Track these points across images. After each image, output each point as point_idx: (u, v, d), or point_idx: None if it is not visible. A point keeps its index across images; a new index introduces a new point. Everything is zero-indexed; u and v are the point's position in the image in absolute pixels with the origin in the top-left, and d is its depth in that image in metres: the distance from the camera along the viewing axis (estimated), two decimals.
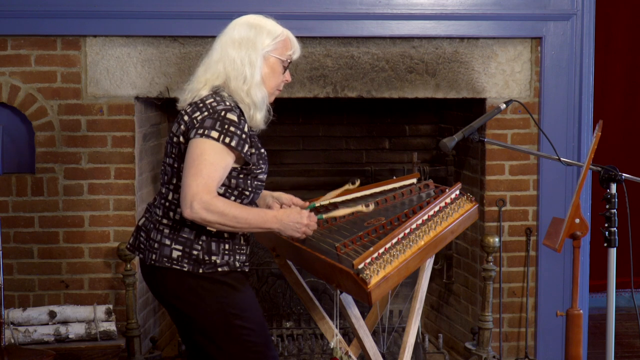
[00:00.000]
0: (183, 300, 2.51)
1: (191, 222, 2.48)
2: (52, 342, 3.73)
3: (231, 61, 2.51)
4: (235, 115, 2.45)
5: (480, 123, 2.86)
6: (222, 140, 2.40)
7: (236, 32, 2.54)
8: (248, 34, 2.53)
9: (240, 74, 2.50)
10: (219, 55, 2.54)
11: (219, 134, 2.40)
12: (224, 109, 2.45)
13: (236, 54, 2.51)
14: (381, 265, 2.53)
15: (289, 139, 4.61)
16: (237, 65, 2.50)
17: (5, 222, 3.91)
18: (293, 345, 4.14)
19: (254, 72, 2.50)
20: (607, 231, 2.65)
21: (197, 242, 2.50)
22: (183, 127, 2.48)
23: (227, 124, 2.42)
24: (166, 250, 2.50)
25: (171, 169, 2.53)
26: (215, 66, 2.53)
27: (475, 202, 2.98)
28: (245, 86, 2.50)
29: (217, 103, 2.47)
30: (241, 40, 2.52)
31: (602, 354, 2.80)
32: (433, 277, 4.53)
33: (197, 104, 2.49)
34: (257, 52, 2.51)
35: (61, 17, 3.86)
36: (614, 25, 5.19)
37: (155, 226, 2.54)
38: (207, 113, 2.44)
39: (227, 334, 2.51)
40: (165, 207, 2.54)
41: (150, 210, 2.62)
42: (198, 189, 2.36)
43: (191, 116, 2.47)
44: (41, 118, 3.94)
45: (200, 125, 2.42)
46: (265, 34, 2.53)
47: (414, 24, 3.95)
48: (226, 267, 2.52)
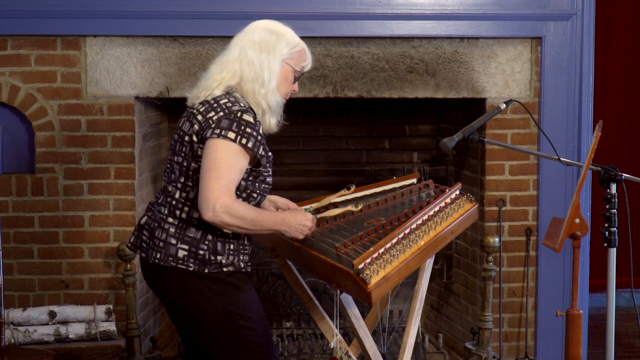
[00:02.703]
0: (187, 300, 2.51)
1: (197, 222, 2.49)
2: (52, 342, 3.73)
3: (249, 62, 2.51)
4: (251, 116, 2.46)
5: (480, 123, 2.86)
6: (239, 141, 2.41)
7: (257, 35, 2.55)
8: (269, 39, 2.54)
9: (258, 76, 2.51)
10: (236, 54, 2.54)
11: (236, 135, 2.41)
12: (239, 109, 2.45)
13: (255, 57, 2.51)
14: (381, 265, 2.53)
15: (289, 139, 4.61)
16: (255, 68, 2.51)
17: (5, 222, 3.91)
18: (293, 345, 4.14)
19: (271, 77, 2.52)
20: (607, 231, 2.65)
21: (203, 242, 2.50)
22: (197, 126, 2.47)
23: (244, 125, 2.43)
24: (172, 249, 2.50)
25: (179, 167, 2.52)
26: (231, 65, 2.53)
27: (475, 202, 2.98)
28: (262, 90, 2.51)
29: (231, 104, 2.47)
30: (261, 43, 2.53)
31: (602, 354, 2.80)
32: (433, 277, 4.53)
33: (211, 104, 2.49)
34: (276, 58, 2.53)
35: (61, 17, 3.86)
36: (614, 25, 5.19)
37: (160, 225, 2.53)
38: (223, 113, 2.44)
39: (230, 334, 2.52)
40: (172, 205, 2.53)
41: (153, 208, 2.61)
42: (220, 193, 2.37)
43: (205, 116, 2.47)
44: (41, 118, 3.94)
45: (216, 125, 2.42)
46: (284, 42, 2.55)
47: (414, 24, 3.95)
48: (231, 267, 2.53)
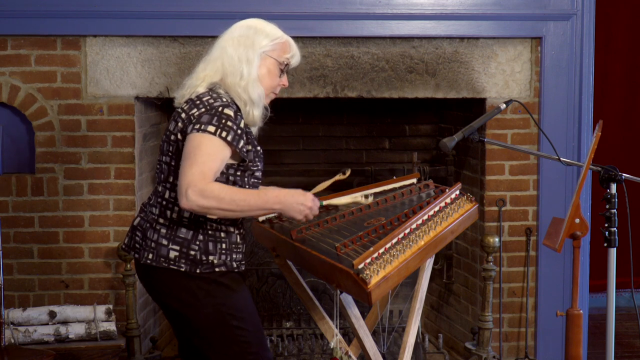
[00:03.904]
0: (180, 301, 2.51)
1: (188, 222, 2.49)
2: (52, 342, 3.73)
3: (229, 58, 2.56)
4: (232, 110, 2.47)
5: (480, 123, 2.86)
6: (218, 134, 2.42)
7: (236, 31, 2.61)
8: (247, 33, 2.59)
9: (237, 70, 2.54)
10: (218, 53, 2.59)
11: (216, 128, 2.42)
12: (220, 104, 2.47)
13: (234, 52, 2.56)
14: (381, 265, 2.53)
15: (289, 139, 4.61)
16: (234, 62, 2.55)
17: (5, 222, 3.91)
18: (293, 345, 4.14)
19: (250, 69, 2.55)
20: (607, 231, 2.65)
21: (194, 242, 2.50)
22: (180, 124, 2.49)
23: (224, 119, 2.44)
24: (163, 250, 2.50)
25: (168, 167, 2.53)
26: (214, 63, 2.58)
27: (475, 202, 2.98)
28: (242, 82, 2.54)
29: (213, 100, 2.49)
30: (240, 38, 2.58)
31: (602, 354, 2.80)
32: (433, 277, 4.53)
33: (194, 101, 2.51)
34: (255, 51, 2.56)
35: (61, 17, 3.86)
36: (614, 25, 5.19)
37: (152, 225, 2.54)
38: (204, 109, 2.46)
39: (223, 334, 2.52)
40: (162, 205, 2.54)
41: (145, 209, 2.62)
42: (193, 177, 2.34)
43: (188, 113, 2.49)
44: (41, 118, 3.94)
45: (197, 120, 2.44)
46: (263, 35, 2.59)
47: (414, 24, 3.95)
48: (223, 267, 2.52)
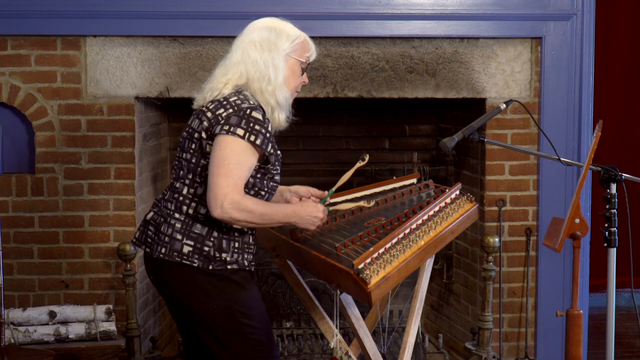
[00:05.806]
0: (190, 296, 2.52)
1: (204, 218, 2.51)
2: (52, 342, 3.73)
3: (253, 63, 2.54)
4: (260, 114, 2.48)
5: (480, 123, 2.86)
6: (247, 138, 2.43)
7: (256, 34, 2.58)
8: (269, 36, 2.56)
9: (264, 75, 2.53)
10: (239, 57, 2.57)
11: (245, 132, 2.43)
12: (248, 107, 2.47)
13: (258, 56, 2.54)
14: (381, 265, 2.53)
15: (289, 139, 4.61)
16: (260, 67, 2.54)
17: (5, 222, 3.91)
18: (293, 345, 4.14)
19: (277, 74, 2.54)
20: (607, 231, 2.65)
21: (208, 239, 2.51)
22: (206, 123, 2.50)
23: (253, 122, 2.44)
24: (177, 244, 2.51)
25: (188, 164, 2.54)
26: (236, 67, 2.56)
27: (475, 202, 2.98)
28: (270, 87, 2.53)
29: (241, 101, 2.49)
30: (262, 42, 2.56)
31: (602, 354, 2.80)
32: (433, 277, 4.53)
33: (221, 102, 2.51)
34: (279, 54, 2.56)
35: (61, 17, 3.86)
36: (614, 25, 5.19)
37: (166, 220, 2.55)
38: (232, 110, 2.46)
39: (232, 331, 2.52)
40: (179, 201, 2.55)
41: (159, 204, 2.63)
42: (229, 190, 2.39)
43: (214, 113, 2.49)
44: (41, 118, 3.94)
45: (225, 121, 2.44)
46: (285, 37, 2.58)
47: (414, 24, 3.95)
48: (235, 265, 2.54)
